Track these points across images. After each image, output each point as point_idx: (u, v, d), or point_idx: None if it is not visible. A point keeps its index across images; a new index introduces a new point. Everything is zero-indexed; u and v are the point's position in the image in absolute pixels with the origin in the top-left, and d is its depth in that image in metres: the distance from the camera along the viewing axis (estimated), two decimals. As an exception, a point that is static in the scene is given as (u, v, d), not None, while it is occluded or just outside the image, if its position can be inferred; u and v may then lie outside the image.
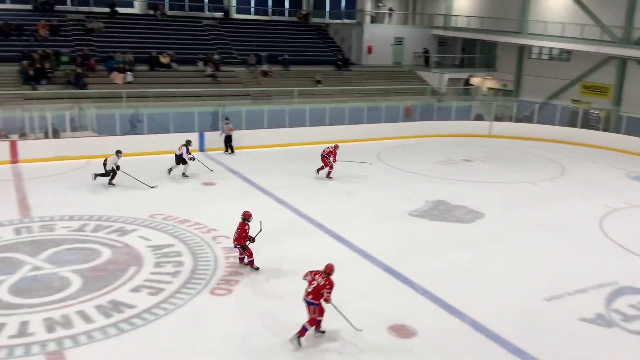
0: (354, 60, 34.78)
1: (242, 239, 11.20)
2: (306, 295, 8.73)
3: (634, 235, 14.23)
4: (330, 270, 8.85)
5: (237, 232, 11.26)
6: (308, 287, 8.75)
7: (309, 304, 8.73)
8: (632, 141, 24.71)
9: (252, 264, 11.51)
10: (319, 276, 8.79)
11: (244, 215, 11.40)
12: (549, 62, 32.42)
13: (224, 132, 22.05)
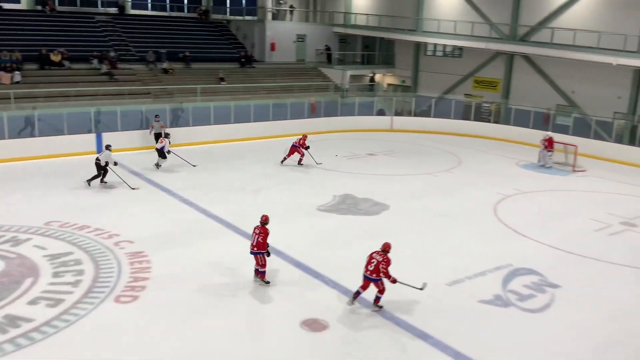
0: (258, 58, 34.61)
1: (265, 245, 10.64)
2: (367, 272, 9.88)
3: (524, 220, 15.30)
4: (387, 247, 10.01)
5: (260, 237, 10.60)
6: (369, 266, 9.87)
7: (371, 280, 9.88)
8: (520, 132, 26.52)
9: (263, 276, 10.87)
10: (376, 254, 9.91)
11: (264, 220, 10.80)
12: (443, 59, 33.99)
13: (155, 130, 21.57)
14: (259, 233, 10.57)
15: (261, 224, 10.74)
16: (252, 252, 10.69)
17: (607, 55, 24.71)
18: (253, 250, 10.67)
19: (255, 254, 10.70)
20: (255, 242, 10.61)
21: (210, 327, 9.24)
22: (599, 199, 17.68)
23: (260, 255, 10.66)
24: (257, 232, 10.61)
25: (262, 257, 10.69)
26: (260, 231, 10.64)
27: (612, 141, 24.50)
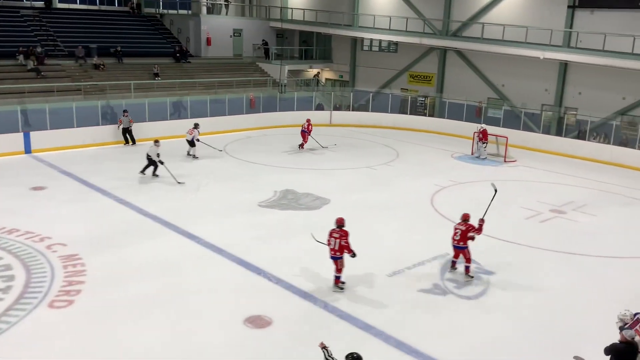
0: (193, 52, 33.98)
1: (348, 248, 10.33)
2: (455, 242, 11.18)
3: (459, 209, 15.70)
4: (467, 217, 11.16)
5: (342, 240, 10.30)
6: (455, 236, 11.06)
7: (459, 249, 11.15)
8: (454, 125, 27.33)
9: (338, 281, 10.59)
10: (459, 225, 11.10)
11: (341, 222, 10.46)
12: (379, 54, 34.51)
13: (123, 125, 22.13)
14: (339, 237, 10.25)
15: (338, 227, 10.40)
16: (334, 257, 10.40)
17: (535, 49, 25.81)
18: (335, 254, 10.37)
19: (336, 259, 10.42)
20: (336, 247, 10.28)
21: (150, 329, 9.04)
22: (529, 188, 18.47)
23: (340, 259, 10.41)
24: (336, 236, 10.26)
25: (342, 262, 10.44)
26: (340, 234, 10.31)
27: (540, 132, 25.64)
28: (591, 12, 25.00)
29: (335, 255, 10.38)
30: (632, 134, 23.45)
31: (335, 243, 10.27)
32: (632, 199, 17.55)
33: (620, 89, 24.52)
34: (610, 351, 7.12)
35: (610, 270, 12.05)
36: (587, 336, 9.17)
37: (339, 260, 10.41)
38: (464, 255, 11.15)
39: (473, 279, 11.13)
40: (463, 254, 11.15)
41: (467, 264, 11.17)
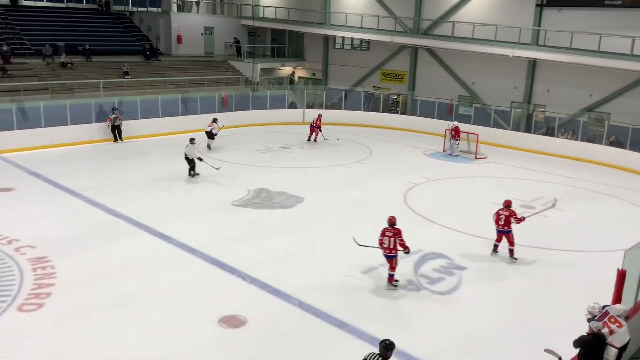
0: (164, 50, 33.58)
1: (404, 245, 10.64)
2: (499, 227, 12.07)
3: (431, 206, 15.96)
4: (509, 203, 12.06)
5: (397, 238, 10.55)
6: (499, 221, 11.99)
7: (503, 233, 12.09)
8: (426, 122, 27.60)
9: (392, 279, 10.78)
10: (502, 211, 11.95)
11: (393, 220, 10.75)
12: (351, 52, 34.61)
13: (113, 122, 22.43)
14: (393, 235, 10.51)
15: (391, 226, 10.65)
16: (389, 255, 10.61)
17: (504, 47, 26.21)
18: (390, 253, 10.59)
19: (391, 257, 10.62)
20: (392, 245, 10.51)
21: (123, 331, 8.92)
22: (500, 184, 18.76)
23: (395, 257, 10.59)
24: (389, 235, 10.53)
25: (396, 260, 10.62)
26: (394, 232, 10.56)
27: (509, 129, 26.05)
28: (559, 10, 25.50)
29: (390, 254, 10.62)
30: (599, 130, 24.00)
31: (390, 241, 10.53)
32: (600, 194, 17.97)
33: (587, 86, 25.07)
34: (579, 343, 7.29)
35: (579, 264, 12.33)
36: (558, 329, 9.36)
37: (394, 258, 10.64)
38: (508, 239, 12.10)
39: (517, 260, 12.10)
40: (507, 238, 12.09)
41: (511, 247, 12.17)
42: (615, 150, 22.33)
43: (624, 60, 22.80)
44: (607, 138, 23.25)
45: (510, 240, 12.12)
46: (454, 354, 8.70)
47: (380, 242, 10.65)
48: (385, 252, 10.66)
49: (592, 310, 7.85)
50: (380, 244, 10.65)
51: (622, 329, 7.56)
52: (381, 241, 10.64)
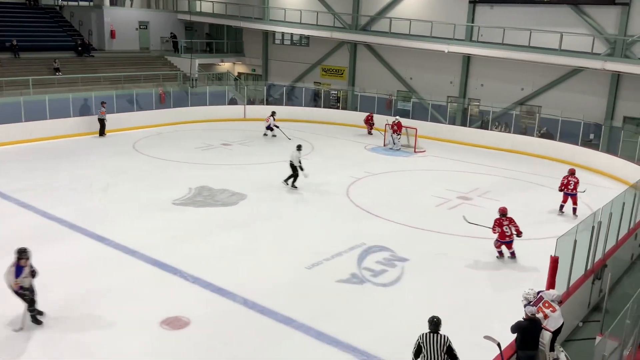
0: (96, 46, 32.46)
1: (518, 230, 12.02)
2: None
3: (374, 200, 16.20)
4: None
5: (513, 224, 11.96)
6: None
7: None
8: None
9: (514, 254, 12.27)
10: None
11: (504, 211, 12.14)
12: (291, 47, 34.56)
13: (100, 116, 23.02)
14: (509, 223, 11.94)
15: (503, 215, 12.04)
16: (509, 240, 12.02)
17: (439, 43, 26.86)
18: (510, 239, 12.00)
19: (510, 242, 12.06)
20: (514, 232, 11.95)
21: (60, 339, 8.59)
22: (438, 177, 19.26)
23: (512, 242, 12.04)
24: (506, 223, 11.93)
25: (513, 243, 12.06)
26: (509, 220, 11.96)
27: (446, 123, 26.76)
28: (491, 7, 26.35)
29: (510, 239, 12.01)
30: (531, 123, 25.03)
31: (510, 229, 11.91)
32: (531, 184, 18.75)
33: (518, 80, 26.08)
34: (516, 329, 7.59)
35: (515, 252, 12.81)
36: (496, 316, 9.72)
37: (512, 242, 12.10)
38: (574, 201, 14.91)
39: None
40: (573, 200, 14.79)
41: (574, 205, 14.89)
42: (546, 142, 23.35)
43: (553, 55, 23.85)
44: (538, 130, 24.28)
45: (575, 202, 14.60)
46: (395, 344, 8.85)
47: (503, 233, 11.93)
48: (506, 239, 11.99)
49: (527, 296, 8.18)
50: (503, 234, 11.93)
51: (555, 313, 7.93)
52: (503, 232, 11.92)
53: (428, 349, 6.87)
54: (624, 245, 12.03)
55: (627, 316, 6.59)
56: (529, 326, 7.52)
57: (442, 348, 6.90)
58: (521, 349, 7.54)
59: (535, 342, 7.59)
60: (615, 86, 23.72)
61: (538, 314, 7.81)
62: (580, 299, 9.75)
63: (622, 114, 23.77)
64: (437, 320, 7.14)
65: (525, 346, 7.52)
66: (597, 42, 23.71)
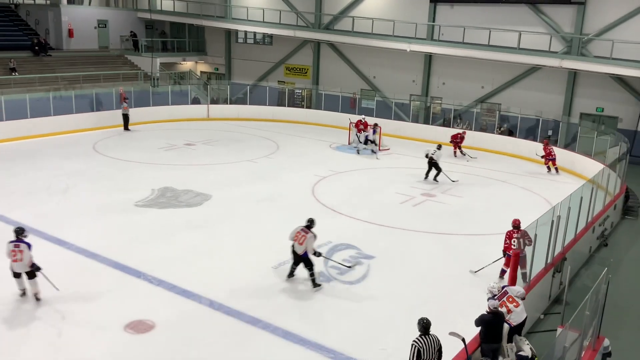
0: (54, 45, 31.62)
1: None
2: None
3: (339, 198, 16.25)
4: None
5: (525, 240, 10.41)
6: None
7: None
8: (331, 116, 27.99)
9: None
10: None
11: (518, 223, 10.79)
12: (254, 46, 34.37)
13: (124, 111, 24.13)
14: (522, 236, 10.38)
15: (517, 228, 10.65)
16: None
17: (401, 42, 27.13)
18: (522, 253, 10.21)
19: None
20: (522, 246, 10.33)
21: (22, 347, 8.33)
22: (402, 174, 19.43)
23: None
24: (516, 237, 10.50)
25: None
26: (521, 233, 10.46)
27: (409, 121, 27.04)
28: (451, 6, 26.75)
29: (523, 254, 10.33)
30: (491, 120, 25.52)
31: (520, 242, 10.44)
32: (493, 180, 19.11)
33: (479, 79, 26.56)
34: (480, 322, 7.72)
35: (477, 247, 13.04)
36: (459, 310, 9.86)
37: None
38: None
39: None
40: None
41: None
42: (506, 139, 23.84)
43: (512, 53, 24.37)
44: (498, 127, 24.77)
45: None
46: (362, 341, 8.90)
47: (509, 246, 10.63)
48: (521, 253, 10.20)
49: (492, 290, 8.32)
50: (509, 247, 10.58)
51: (518, 308, 8.12)
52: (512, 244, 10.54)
53: (426, 352, 6.85)
54: (583, 239, 12.40)
55: (587, 308, 6.78)
56: (492, 319, 7.65)
57: (435, 348, 6.93)
58: (485, 342, 7.67)
59: (499, 334, 7.74)
60: (572, 83, 24.42)
61: (502, 308, 7.95)
62: (541, 291, 9.99)
63: (579, 110, 24.49)
64: (427, 322, 7.02)
65: (489, 339, 7.65)
66: (555, 40, 24.35)
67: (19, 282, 9.62)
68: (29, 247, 9.51)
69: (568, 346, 6.54)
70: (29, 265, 9.45)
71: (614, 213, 15.67)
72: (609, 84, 23.62)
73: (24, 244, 9.50)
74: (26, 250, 9.44)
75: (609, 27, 23.18)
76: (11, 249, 9.45)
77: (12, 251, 9.43)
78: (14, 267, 9.47)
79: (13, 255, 9.42)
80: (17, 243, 9.47)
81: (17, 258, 9.40)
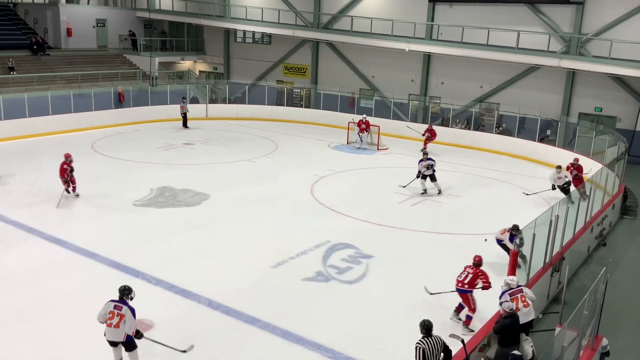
0: (52, 44, 31.58)
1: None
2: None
3: (337, 198, 16.25)
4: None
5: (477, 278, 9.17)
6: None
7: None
8: (330, 115, 27.99)
9: (468, 321, 9.29)
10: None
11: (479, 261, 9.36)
12: (253, 46, 34.35)
13: (184, 110, 25.36)
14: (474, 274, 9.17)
15: (478, 265, 9.30)
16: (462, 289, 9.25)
17: (400, 42, 27.13)
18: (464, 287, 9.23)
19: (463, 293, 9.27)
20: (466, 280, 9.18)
21: (17, 346, 8.33)
22: (401, 174, 19.40)
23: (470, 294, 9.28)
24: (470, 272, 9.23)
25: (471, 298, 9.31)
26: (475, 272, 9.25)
27: (408, 121, 27.03)
28: (450, 5, 26.75)
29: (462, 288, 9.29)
30: (489, 120, 25.53)
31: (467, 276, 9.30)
32: (490, 180, 19.13)
33: (478, 78, 26.57)
34: (502, 328, 7.68)
35: (476, 247, 13.02)
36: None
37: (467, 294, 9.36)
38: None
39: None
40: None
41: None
42: (504, 138, 23.84)
43: (511, 53, 24.39)
44: (497, 127, 24.79)
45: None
46: (361, 340, 8.91)
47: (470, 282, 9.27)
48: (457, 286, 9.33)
49: (510, 283, 8.38)
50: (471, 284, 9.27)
51: (527, 308, 8.21)
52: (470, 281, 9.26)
53: (430, 353, 6.86)
54: (581, 238, 12.41)
55: (585, 307, 6.80)
56: (512, 323, 7.65)
57: (439, 348, 6.95)
58: (504, 345, 7.60)
59: (518, 337, 7.75)
60: (571, 83, 24.45)
61: (512, 302, 7.99)
62: (540, 291, 10.00)
63: (577, 110, 24.51)
64: (429, 324, 7.01)
65: (509, 342, 7.61)
66: (553, 40, 24.37)
67: (115, 352, 7.79)
68: (133, 314, 7.59)
69: (566, 345, 6.55)
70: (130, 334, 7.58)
71: (613, 213, 15.69)
72: (608, 83, 23.64)
73: (127, 307, 7.59)
74: (129, 315, 7.54)
75: (607, 27, 23.20)
76: (110, 309, 7.54)
77: (110, 312, 7.50)
78: (108, 334, 7.58)
79: (109, 319, 7.50)
80: (119, 305, 7.57)
81: (114, 323, 7.47)
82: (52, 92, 24.08)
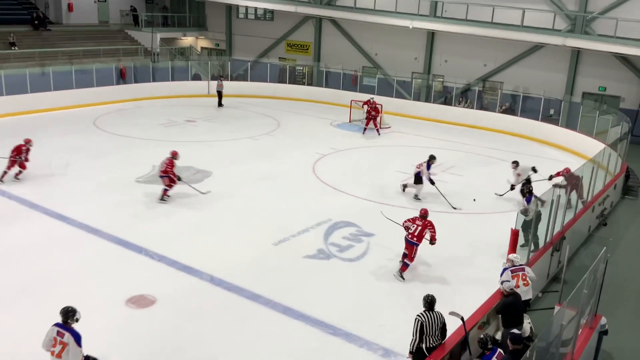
0: (54, 19, 31.32)
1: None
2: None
3: (339, 176, 16.26)
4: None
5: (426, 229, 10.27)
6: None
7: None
8: (332, 93, 27.85)
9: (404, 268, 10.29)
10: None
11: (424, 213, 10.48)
12: (255, 22, 34.02)
13: (219, 88, 25.63)
14: (423, 225, 10.24)
15: (424, 217, 10.37)
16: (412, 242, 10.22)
17: (404, 19, 26.83)
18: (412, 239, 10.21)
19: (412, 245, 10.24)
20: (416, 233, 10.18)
21: (20, 320, 8.41)
22: (403, 152, 19.42)
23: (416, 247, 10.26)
24: (419, 224, 10.25)
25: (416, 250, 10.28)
26: (424, 223, 10.30)
27: (411, 99, 26.90)
28: (454, -17, 26.38)
29: (412, 240, 10.27)
30: (493, 99, 25.38)
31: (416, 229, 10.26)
32: (493, 159, 19.09)
33: (481, 57, 26.33)
34: (504, 306, 7.73)
35: (477, 225, 13.10)
36: (459, 289, 9.93)
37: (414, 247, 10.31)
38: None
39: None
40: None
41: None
42: (507, 117, 23.74)
43: (515, 31, 24.13)
44: (500, 106, 24.66)
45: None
46: (361, 317, 8.99)
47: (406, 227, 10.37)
48: (407, 237, 10.28)
49: (514, 260, 8.45)
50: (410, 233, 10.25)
51: (527, 287, 8.29)
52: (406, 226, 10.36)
53: (429, 327, 6.94)
54: (582, 218, 12.44)
55: (585, 286, 6.83)
56: (513, 301, 7.70)
57: (438, 324, 7.02)
58: (508, 326, 7.63)
59: (521, 316, 7.79)
60: (575, 62, 24.22)
61: (513, 279, 8.06)
62: (540, 270, 10.06)
63: (581, 89, 24.33)
64: (432, 299, 7.11)
65: (513, 322, 7.63)
66: (558, 18, 24.08)
67: None
68: (77, 340, 6.55)
69: (565, 324, 6.60)
70: None
71: (614, 193, 15.69)
72: (612, 63, 23.42)
73: (70, 333, 6.57)
74: (72, 343, 6.51)
75: (613, 5, 22.90)
76: (53, 335, 6.60)
77: (54, 339, 6.57)
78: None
79: (53, 346, 6.57)
80: (62, 331, 6.57)
81: (56, 352, 6.52)
82: (53, 67, 23.95)
